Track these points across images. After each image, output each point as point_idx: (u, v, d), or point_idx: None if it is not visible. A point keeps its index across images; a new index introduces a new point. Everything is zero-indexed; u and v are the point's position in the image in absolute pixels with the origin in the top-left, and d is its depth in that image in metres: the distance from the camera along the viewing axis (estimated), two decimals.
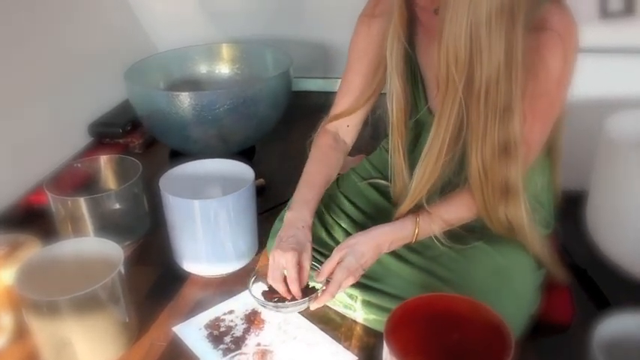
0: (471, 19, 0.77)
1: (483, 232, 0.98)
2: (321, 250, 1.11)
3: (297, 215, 1.01)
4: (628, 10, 1.30)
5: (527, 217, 0.92)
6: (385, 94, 1.04)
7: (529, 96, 0.85)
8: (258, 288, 1.01)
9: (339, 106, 1.12)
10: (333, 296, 0.93)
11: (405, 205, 0.97)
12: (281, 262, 0.95)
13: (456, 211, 0.96)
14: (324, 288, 0.95)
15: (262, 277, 1.02)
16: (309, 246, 0.99)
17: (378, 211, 1.13)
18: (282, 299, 0.97)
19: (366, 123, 1.16)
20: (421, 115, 1.04)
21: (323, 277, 0.95)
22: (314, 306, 0.96)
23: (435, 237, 0.96)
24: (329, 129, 1.15)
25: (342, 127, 1.14)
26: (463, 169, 0.92)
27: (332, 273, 0.94)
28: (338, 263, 0.94)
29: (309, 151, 1.14)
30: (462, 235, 0.98)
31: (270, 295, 0.99)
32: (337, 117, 1.12)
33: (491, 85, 0.80)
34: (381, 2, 1.03)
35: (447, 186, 0.96)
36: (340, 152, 1.15)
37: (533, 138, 0.91)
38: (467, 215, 0.97)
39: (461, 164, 0.92)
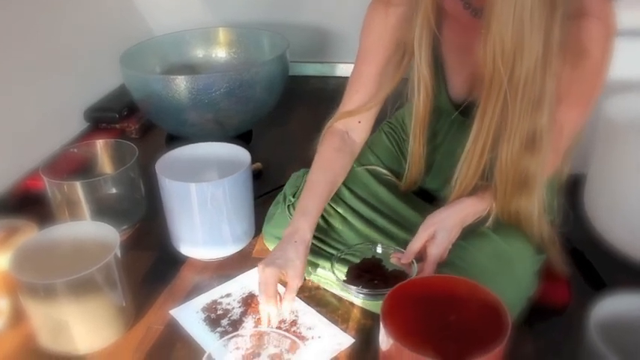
0: (517, 10, 0.75)
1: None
2: (318, 235, 1.10)
3: (295, 229, 0.99)
4: None
5: (537, 209, 0.92)
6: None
7: (567, 81, 0.84)
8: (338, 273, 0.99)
9: (353, 101, 1.05)
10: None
11: (453, 198, 0.96)
12: (261, 276, 0.92)
13: None
14: (417, 270, 0.94)
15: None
16: (298, 264, 0.95)
17: (376, 199, 1.12)
18: (373, 285, 0.96)
19: None
20: (440, 102, 1.03)
21: (410, 258, 0.95)
22: None
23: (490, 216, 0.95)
24: (337, 127, 1.08)
25: (353, 124, 1.08)
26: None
27: (419, 253, 0.94)
28: (426, 241, 0.93)
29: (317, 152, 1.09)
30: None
31: (355, 281, 0.97)
32: (351, 113, 1.06)
33: (528, 77, 0.80)
34: None
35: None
36: (348, 155, 1.09)
37: (570, 123, 0.90)
38: None
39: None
